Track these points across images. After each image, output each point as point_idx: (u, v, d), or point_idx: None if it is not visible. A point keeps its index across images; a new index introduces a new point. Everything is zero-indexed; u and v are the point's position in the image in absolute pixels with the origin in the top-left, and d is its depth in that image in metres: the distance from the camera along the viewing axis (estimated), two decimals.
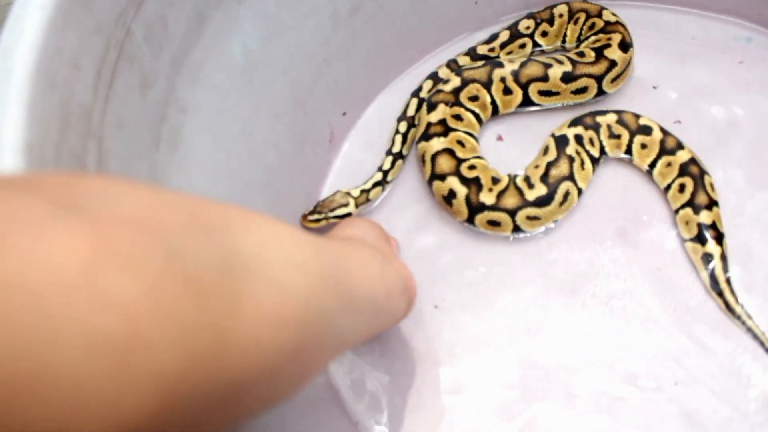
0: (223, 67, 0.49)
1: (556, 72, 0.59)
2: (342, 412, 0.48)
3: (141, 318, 0.19)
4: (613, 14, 0.64)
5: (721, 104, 0.61)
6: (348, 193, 0.57)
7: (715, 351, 0.50)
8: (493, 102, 0.60)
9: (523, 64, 0.59)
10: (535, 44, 0.65)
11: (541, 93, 0.60)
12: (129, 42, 0.40)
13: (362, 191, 0.58)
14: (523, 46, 0.64)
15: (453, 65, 0.64)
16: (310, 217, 0.56)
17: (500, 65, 0.60)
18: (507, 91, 0.60)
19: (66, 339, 0.18)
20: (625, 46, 0.62)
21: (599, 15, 0.63)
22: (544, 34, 0.64)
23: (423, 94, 0.62)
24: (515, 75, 0.59)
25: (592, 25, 0.63)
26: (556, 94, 0.60)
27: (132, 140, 0.39)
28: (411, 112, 0.61)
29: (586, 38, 0.63)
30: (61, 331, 0.18)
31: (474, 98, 0.59)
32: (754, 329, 0.50)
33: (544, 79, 0.59)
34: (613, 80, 0.61)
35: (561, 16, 0.64)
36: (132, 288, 0.19)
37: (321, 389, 0.48)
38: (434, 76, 0.63)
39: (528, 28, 0.64)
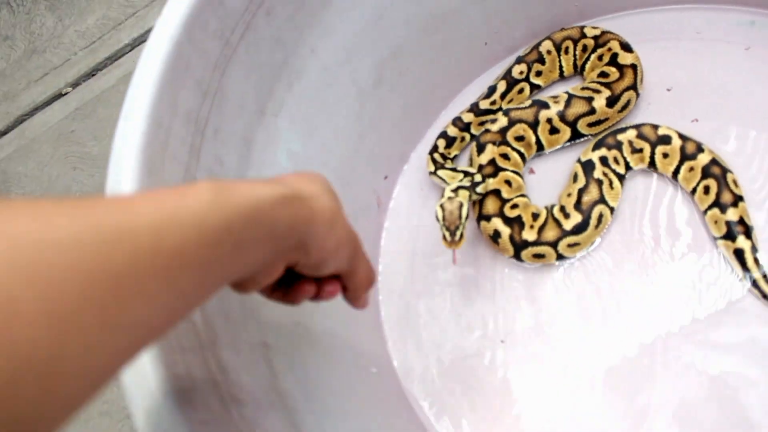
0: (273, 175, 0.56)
1: (600, 102, 0.63)
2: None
3: None
4: (593, 27, 0.68)
5: (734, 95, 0.64)
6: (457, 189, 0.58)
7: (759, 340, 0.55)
8: (538, 141, 0.65)
9: (567, 103, 0.64)
10: (533, 86, 0.69)
11: (591, 125, 0.64)
12: None
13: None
14: (521, 91, 0.69)
15: (459, 123, 0.68)
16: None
17: (546, 106, 0.64)
18: (553, 130, 0.64)
19: None
20: (626, 46, 0.66)
21: (583, 35, 0.67)
22: (539, 73, 0.68)
23: (441, 151, 0.67)
24: (561, 115, 0.64)
25: (584, 47, 0.67)
26: (605, 120, 0.64)
27: None
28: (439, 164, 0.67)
29: (585, 61, 0.67)
30: None
31: (520, 138, 0.64)
32: None
33: (592, 112, 0.63)
34: (641, 80, 0.65)
35: (549, 52, 0.68)
36: None
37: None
38: (444, 135, 0.68)
39: (522, 72, 0.68)
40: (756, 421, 0.52)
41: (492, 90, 0.69)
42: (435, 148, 0.67)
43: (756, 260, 0.56)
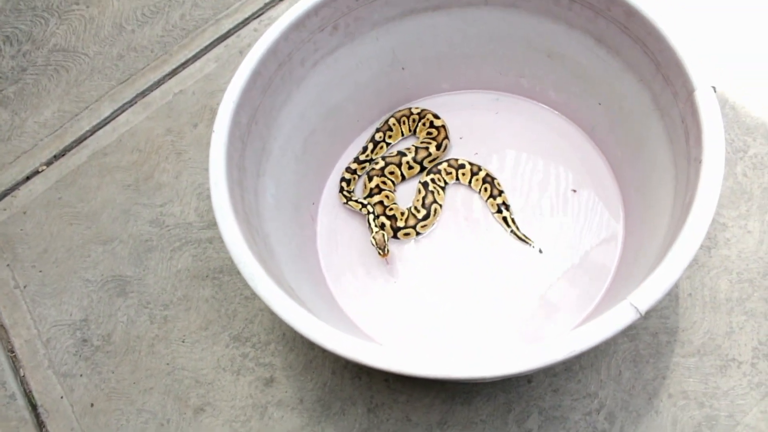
0: (264, 206, 1.02)
1: (432, 149, 1.16)
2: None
3: None
4: (416, 108, 1.21)
5: (492, 138, 1.21)
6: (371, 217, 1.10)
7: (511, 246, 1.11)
8: (402, 174, 1.17)
9: (416, 152, 1.16)
10: (387, 144, 1.22)
11: (429, 162, 1.17)
12: None
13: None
14: (382, 147, 1.20)
15: (349, 169, 1.17)
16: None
17: (405, 154, 1.16)
18: (410, 167, 1.17)
19: None
20: (436, 116, 1.20)
21: (411, 113, 1.21)
22: (390, 136, 1.21)
23: (345, 189, 1.17)
24: (414, 159, 1.16)
25: (414, 120, 1.21)
26: (435, 158, 1.17)
27: None
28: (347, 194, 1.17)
29: (416, 127, 1.21)
30: None
31: (392, 172, 1.16)
32: (524, 238, 1.11)
33: (430, 155, 1.16)
34: (449, 134, 1.19)
35: (394, 124, 1.21)
36: None
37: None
38: (344, 179, 1.17)
39: (380, 136, 1.20)
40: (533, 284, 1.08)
41: (365, 148, 1.20)
42: (341, 188, 1.17)
43: (513, 221, 1.12)
